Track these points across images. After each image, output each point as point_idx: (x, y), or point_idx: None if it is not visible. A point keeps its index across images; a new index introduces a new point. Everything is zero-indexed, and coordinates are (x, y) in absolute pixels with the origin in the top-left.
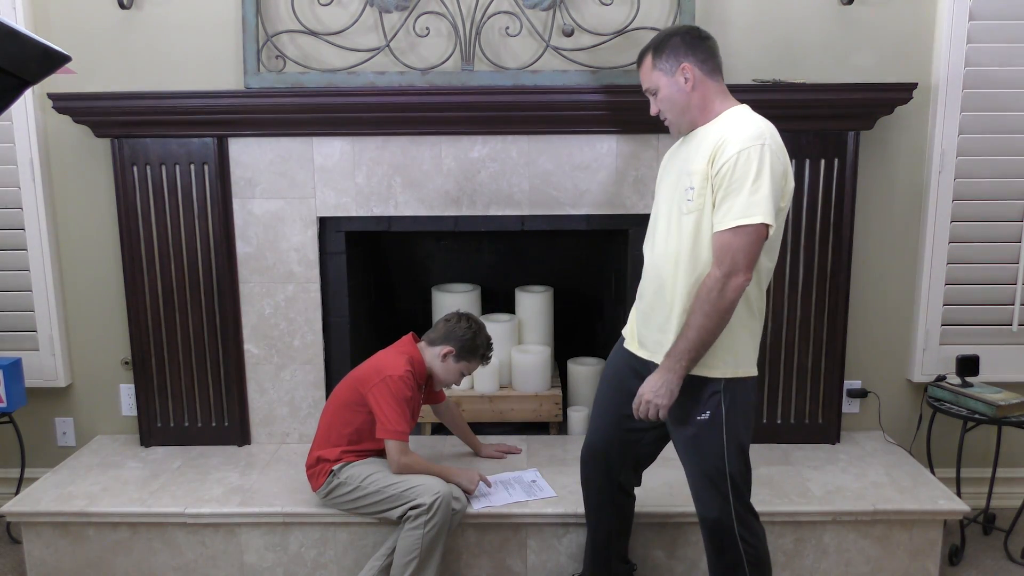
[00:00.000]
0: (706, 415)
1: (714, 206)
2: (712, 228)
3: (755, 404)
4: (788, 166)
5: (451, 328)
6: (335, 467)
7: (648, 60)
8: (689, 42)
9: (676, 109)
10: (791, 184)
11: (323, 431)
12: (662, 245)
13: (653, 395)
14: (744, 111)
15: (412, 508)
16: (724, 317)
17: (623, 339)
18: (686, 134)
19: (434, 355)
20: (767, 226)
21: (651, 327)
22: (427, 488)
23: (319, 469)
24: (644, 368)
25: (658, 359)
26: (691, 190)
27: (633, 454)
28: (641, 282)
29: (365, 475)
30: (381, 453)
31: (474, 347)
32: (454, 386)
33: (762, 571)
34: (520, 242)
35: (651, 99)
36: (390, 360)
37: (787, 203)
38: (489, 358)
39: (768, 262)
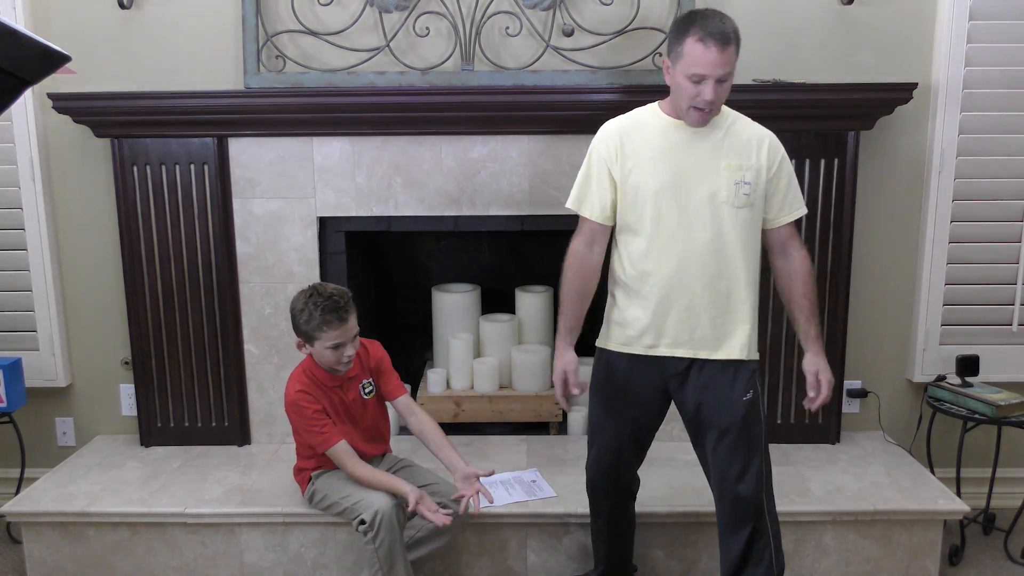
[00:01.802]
0: (750, 395)
1: (767, 199)
2: (775, 218)
3: None
4: None
5: (292, 319)
6: (312, 474)
7: (733, 48)
8: None
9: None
10: None
11: (296, 443)
12: (705, 239)
13: (830, 372)
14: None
15: (359, 524)
16: None
17: (618, 355)
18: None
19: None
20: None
21: (697, 324)
22: (367, 504)
23: (301, 477)
24: (674, 367)
25: (708, 354)
26: (747, 184)
27: (637, 463)
28: (658, 280)
29: (330, 485)
30: None
31: (310, 324)
32: (344, 360)
33: (780, 549)
34: (520, 242)
35: (712, 85)
36: (288, 384)
37: None
38: (340, 317)
39: None
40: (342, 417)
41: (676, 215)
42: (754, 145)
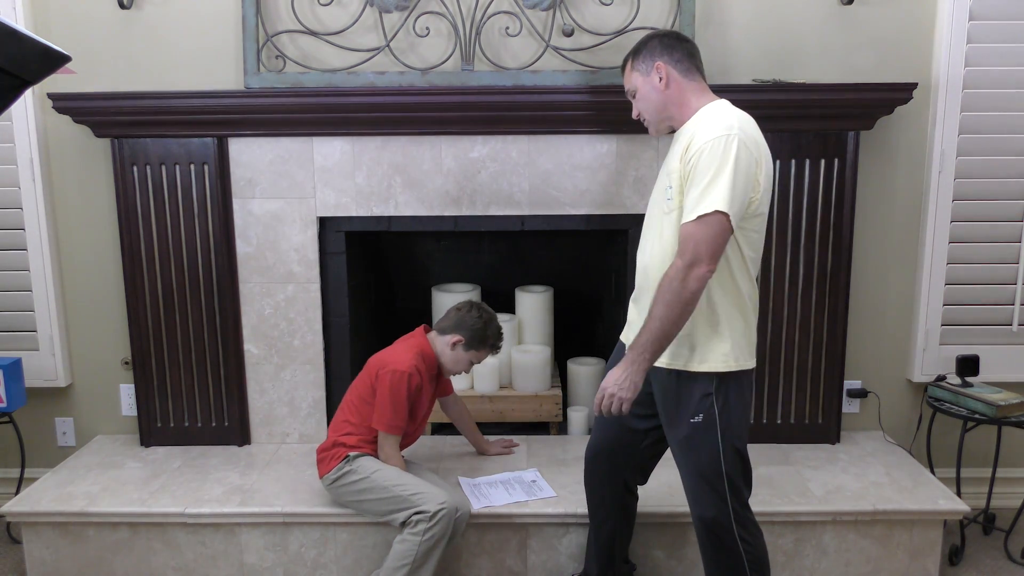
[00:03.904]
0: (699, 418)
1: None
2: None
3: (750, 400)
4: (762, 155)
5: (462, 317)
6: (351, 453)
7: (628, 64)
8: (666, 44)
9: (652, 107)
10: (766, 173)
11: (344, 417)
12: (649, 247)
13: (616, 388)
14: (719, 106)
15: (416, 513)
16: (687, 308)
17: (622, 344)
18: (665, 133)
19: (444, 343)
20: (726, 215)
21: None
22: (432, 496)
23: (333, 453)
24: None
25: (658, 362)
26: (670, 189)
27: (638, 455)
28: (636, 286)
29: (376, 468)
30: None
31: (484, 336)
32: (462, 374)
33: (762, 571)
34: (520, 242)
35: (632, 102)
36: (399, 354)
37: (760, 193)
38: (499, 347)
39: (751, 252)
40: (413, 409)
41: (645, 226)
42: (684, 144)
